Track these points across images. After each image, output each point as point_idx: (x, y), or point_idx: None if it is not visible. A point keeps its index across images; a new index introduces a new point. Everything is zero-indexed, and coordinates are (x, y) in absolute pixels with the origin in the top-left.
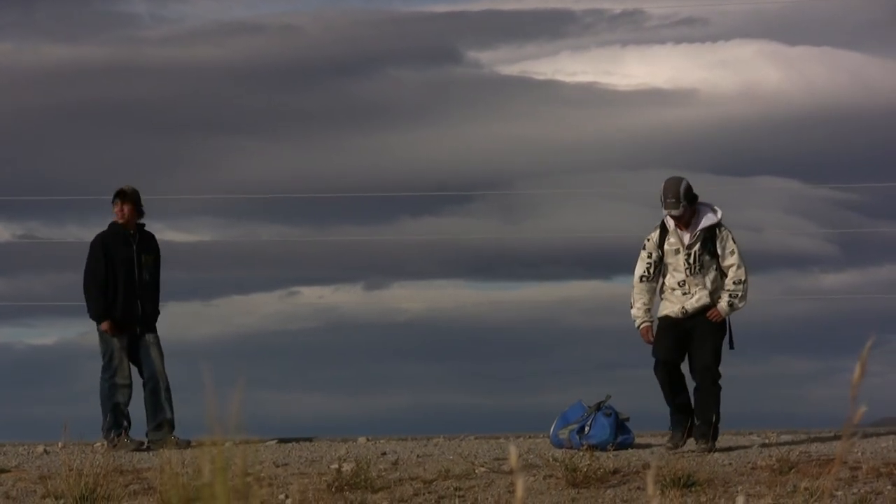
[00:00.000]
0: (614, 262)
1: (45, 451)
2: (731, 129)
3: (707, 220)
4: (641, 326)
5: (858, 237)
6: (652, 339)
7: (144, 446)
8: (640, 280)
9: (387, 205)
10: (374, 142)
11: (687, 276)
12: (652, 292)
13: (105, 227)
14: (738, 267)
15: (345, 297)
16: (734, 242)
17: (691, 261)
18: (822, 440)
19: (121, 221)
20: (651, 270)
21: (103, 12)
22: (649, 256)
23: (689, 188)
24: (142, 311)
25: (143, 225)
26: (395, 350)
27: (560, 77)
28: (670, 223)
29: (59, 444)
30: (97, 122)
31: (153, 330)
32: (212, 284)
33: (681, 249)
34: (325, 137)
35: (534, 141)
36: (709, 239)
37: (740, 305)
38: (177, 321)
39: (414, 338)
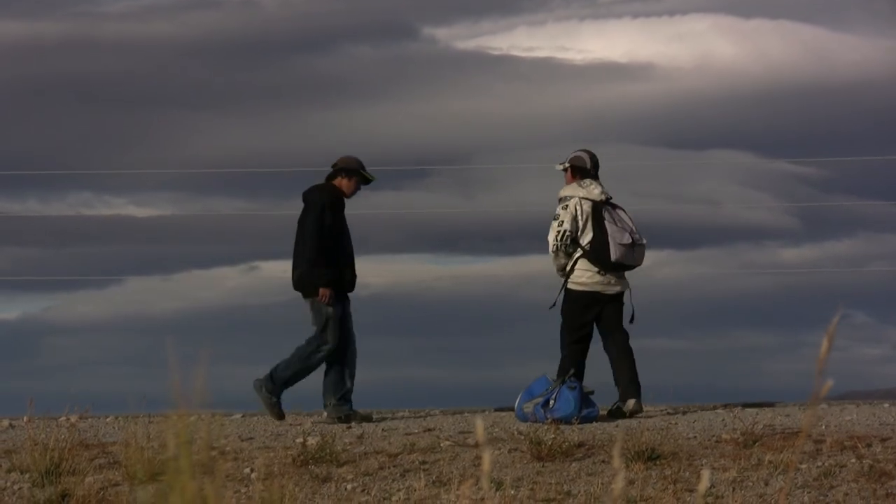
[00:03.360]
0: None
1: (10, 425)
2: (687, 102)
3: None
4: None
5: (816, 211)
6: None
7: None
8: None
9: None
10: (331, 117)
11: None
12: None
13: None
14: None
15: None
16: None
17: None
18: (785, 414)
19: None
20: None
21: None
22: None
23: (577, 157)
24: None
25: None
26: (359, 324)
27: (516, 52)
28: None
29: (25, 419)
30: (56, 97)
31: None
32: (172, 259)
33: None
34: (282, 112)
35: (490, 115)
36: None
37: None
38: (137, 296)
39: (377, 312)
